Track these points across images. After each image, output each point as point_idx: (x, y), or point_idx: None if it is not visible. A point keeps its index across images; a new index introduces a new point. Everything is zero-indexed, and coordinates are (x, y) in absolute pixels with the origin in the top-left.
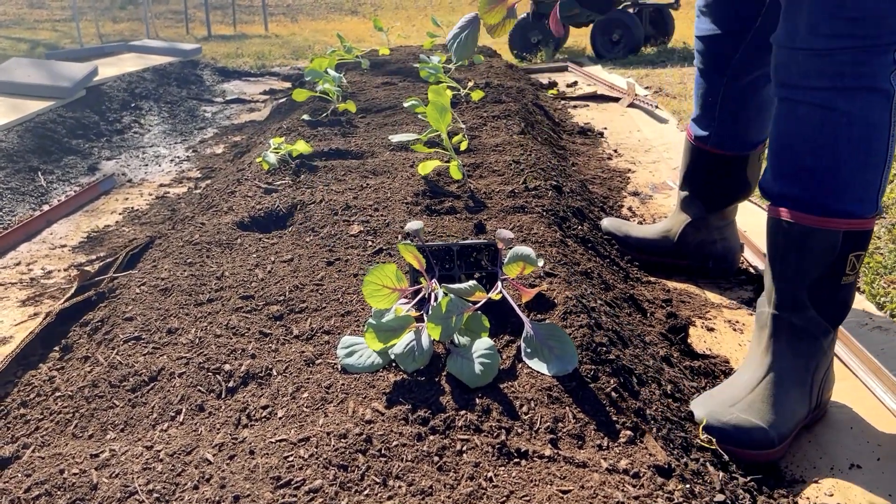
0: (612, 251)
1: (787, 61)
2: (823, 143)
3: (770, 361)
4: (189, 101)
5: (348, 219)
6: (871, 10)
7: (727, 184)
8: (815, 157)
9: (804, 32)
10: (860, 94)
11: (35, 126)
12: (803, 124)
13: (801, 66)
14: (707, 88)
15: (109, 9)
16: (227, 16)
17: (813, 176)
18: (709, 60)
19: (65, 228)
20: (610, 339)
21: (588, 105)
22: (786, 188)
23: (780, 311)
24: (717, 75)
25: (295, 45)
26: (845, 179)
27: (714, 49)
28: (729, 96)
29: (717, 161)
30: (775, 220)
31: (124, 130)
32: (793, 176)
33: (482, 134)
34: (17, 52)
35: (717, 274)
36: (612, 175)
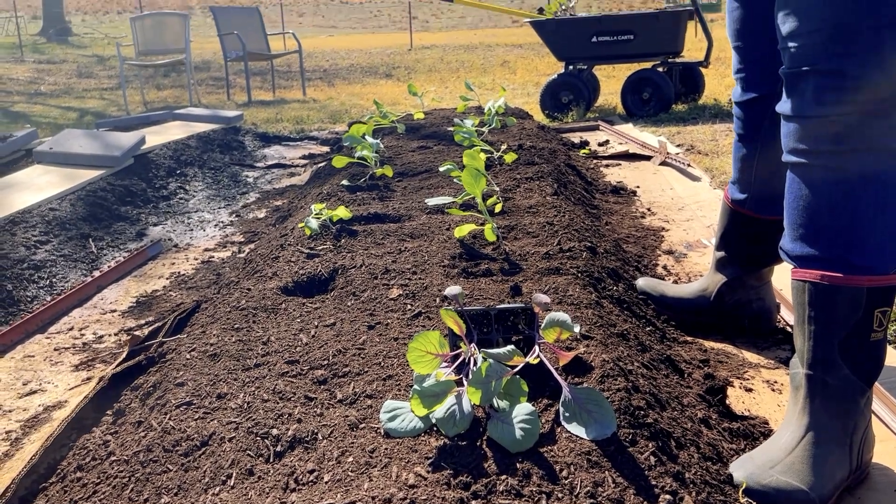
0: (648, 311)
1: (796, 130)
2: (838, 204)
3: (807, 422)
4: (232, 166)
5: (388, 282)
6: (869, 79)
7: (764, 247)
8: (832, 217)
9: (809, 102)
10: (870, 156)
11: (87, 194)
12: (817, 188)
13: (810, 134)
14: (745, 153)
15: (154, 77)
16: (267, 81)
17: (831, 236)
18: (745, 125)
19: (115, 293)
20: (647, 402)
21: (620, 164)
22: (805, 249)
23: (813, 370)
24: (753, 140)
25: (332, 109)
26: (863, 237)
27: (749, 113)
28: (765, 161)
29: (754, 224)
30: (798, 281)
31: (170, 196)
32: (811, 237)
33: (516, 196)
34: (67, 120)
35: (753, 333)
36: (646, 233)
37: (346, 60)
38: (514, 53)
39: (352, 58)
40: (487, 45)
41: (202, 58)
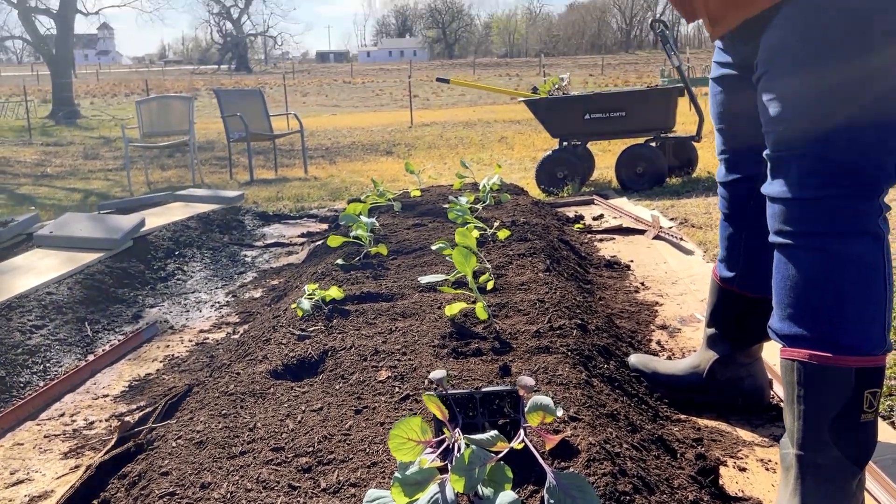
0: (641, 389)
1: (781, 211)
2: (824, 285)
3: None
4: (230, 246)
5: (377, 364)
6: (852, 164)
7: (754, 324)
8: (819, 298)
9: (794, 185)
10: (853, 238)
11: (84, 278)
12: (803, 268)
13: (794, 215)
14: (731, 232)
15: (158, 157)
16: (269, 160)
17: (818, 316)
18: (730, 205)
19: (108, 378)
20: (634, 486)
21: (614, 238)
22: (794, 329)
23: (803, 451)
24: (739, 219)
25: (332, 186)
26: (850, 318)
27: (734, 193)
28: (752, 240)
29: (743, 302)
30: (787, 360)
31: (168, 278)
32: (799, 317)
33: (508, 272)
34: (72, 201)
35: (747, 410)
36: (640, 308)
37: (347, 138)
38: (511, 129)
39: (354, 135)
40: (486, 122)
41: (206, 137)
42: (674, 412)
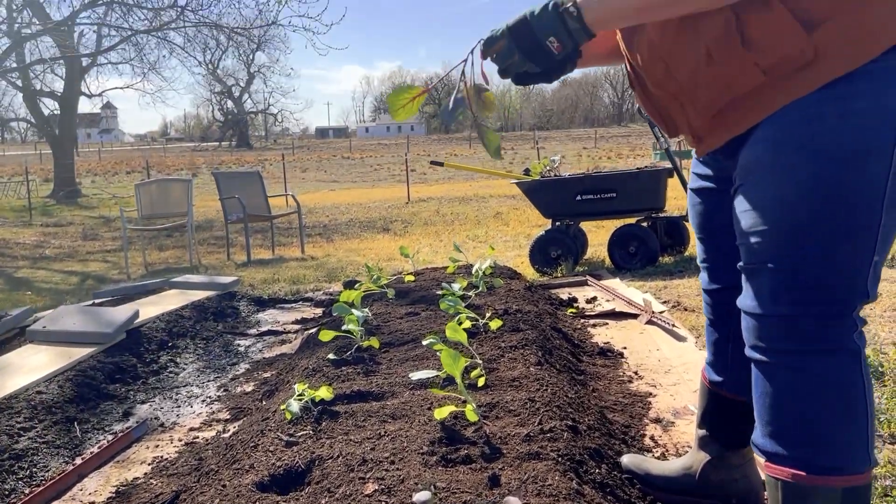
0: (633, 493)
1: (756, 326)
2: (801, 404)
3: None
4: (224, 335)
5: (364, 476)
6: (823, 280)
7: (746, 427)
8: (796, 417)
9: (767, 301)
10: (827, 357)
11: (76, 374)
12: (779, 387)
13: (769, 331)
14: (717, 338)
15: (157, 237)
16: (267, 238)
17: (797, 435)
18: (715, 311)
19: (95, 483)
20: None
21: (607, 323)
22: (774, 446)
23: None
24: (724, 327)
25: (329, 267)
26: (830, 438)
27: (718, 301)
28: (739, 345)
29: (734, 406)
30: (772, 478)
31: (160, 371)
32: (779, 435)
33: (500, 366)
34: (69, 285)
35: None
36: (633, 400)
37: (345, 215)
38: (507, 205)
39: (351, 212)
40: (481, 197)
41: (205, 216)
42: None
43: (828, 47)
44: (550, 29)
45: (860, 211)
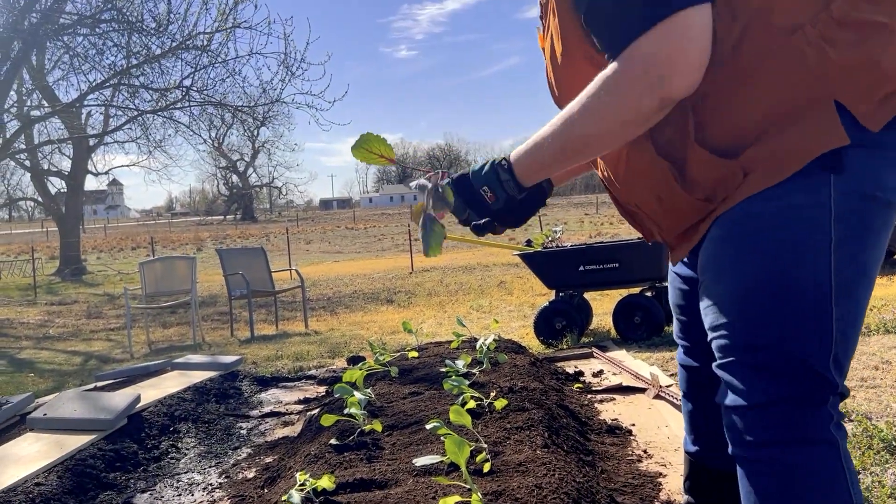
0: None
1: (734, 422)
2: (781, 500)
3: None
4: (226, 417)
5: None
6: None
7: (724, 497)
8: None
9: (740, 392)
10: (805, 448)
11: (75, 464)
12: (760, 483)
13: (746, 424)
14: (692, 409)
15: (160, 314)
16: (271, 313)
17: None
18: (688, 385)
19: None
20: None
21: (614, 398)
22: None
23: None
24: (696, 400)
25: (333, 342)
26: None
27: (691, 376)
28: (711, 419)
29: (712, 476)
30: None
31: (161, 457)
32: None
33: (506, 449)
34: (72, 366)
35: None
36: (643, 481)
37: (349, 286)
38: (510, 273)
39: (355, 283)
40: (485, 266)
41: (210, 291)
42: None
43: (756, 164)
44: (484, 181)
45: (808, 300)
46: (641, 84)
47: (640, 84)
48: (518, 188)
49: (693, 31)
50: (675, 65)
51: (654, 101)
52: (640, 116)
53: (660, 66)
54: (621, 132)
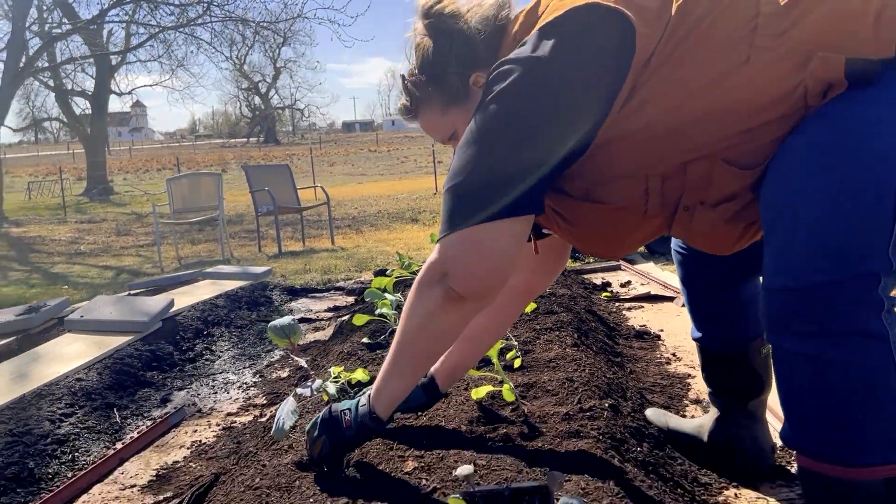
0: (676, 470)
1: (772, 306)
2: (824, 396)
3: None
4: (258, 323)
5: (403, 454)
6: (841, 242)
7: (736, 378)
8: (821, 410)
9: (783, 272)
10: (850, 340)
11: (113, 362)
12: (799, 377)
13: (785, 310)
14: (687, 296)
15: (189, 232)
16: (297, 231)
17: (826, 429)
18: (685, 271)
19: (135, 466)
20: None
21: (643, 306)
22: (804, 441)
23: None
24: (691, 286)
25: (359, 257)
26: (861, 429)
27: (686, 260)
28: (706, 304)
29: (717, 359)
30: (806, 470)
31: (196, 359)
32: (806, 429)
33: (536, 348)
34: (104, 279)
35: (746, 472)
36: (672, 381)
37: (373, 207)
38: None
39: (379, 204)
40: None
41: (236, 211)
42: (711, 495)
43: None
44: (349, 405)
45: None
46: (430, 275)
47: (429, 274)
48: (373, 421)
49: (485, 246)
50: (458, 270)
51: (439, 295)
52: (433, 308)
53: (445, 266)
54: (428, 326)
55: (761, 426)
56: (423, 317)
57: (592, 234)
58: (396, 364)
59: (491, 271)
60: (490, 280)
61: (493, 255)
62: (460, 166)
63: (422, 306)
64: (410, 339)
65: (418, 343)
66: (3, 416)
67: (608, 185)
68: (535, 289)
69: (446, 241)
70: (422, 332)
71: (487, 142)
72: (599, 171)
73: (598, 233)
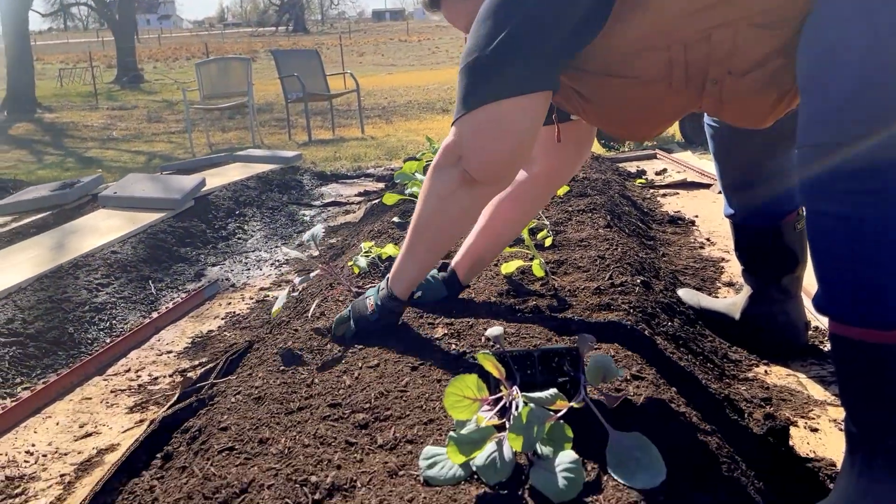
0: (706, 346)
1: (808, 164)
2: (860, 258)
3: (866, 487)
4: (289, 205)
5: (433, 322)
6: (884, 93)
7: (769, 254)
8: (856, 273)
9: (820, 127)
10: (891, 199)
11: (147, 237)
12: (834, 240)
13: (821, 168)
14: (719, 170)
15: (219, 119)
16: (327, 120)
17: (861, 292)
18: (715, 148)
19: (171, 335)
20: (700, 447)
21: (678, 193)
22: (837, 306)
23: (869, 432)
24: (724, 161)
25: (389, 146)
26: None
27: (717, 139)
28: (739, 178)
29: (751, 234)
30: (838, 337)
31: (229, 237)
32: (840, 294)
33: (567, 229)
34: (136, 164)
35: (779, 349)
36: (705, 265)
37: (403, 97)
38: None
39: (410, 94)
40: None
41: (265, 99)
42: (741, 371)
43: None
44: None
45: None
46: (445, 157)
47: (444, 157)
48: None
49: (500, 126)
50: (473, 151)
51: (454, 177)
52: (448, 191)
53: (461, 148)
54: (443, 209)
55: (795, 302)
56: (438, 200)
57: (615, 112)
58: (412, 247)
59: (506, 153)
60: (504, 162)
61: (509, 136)
62: (473, 44)
63: (436, 189)
64: (425, 222)
65: (433, 226)
66: (42, 285)
67: (629, 59)
68: (556, 180)
69: (461, 122)
70: (436, 216)
71: (500, 17)
72: (619, 44)
73: (621, 111)
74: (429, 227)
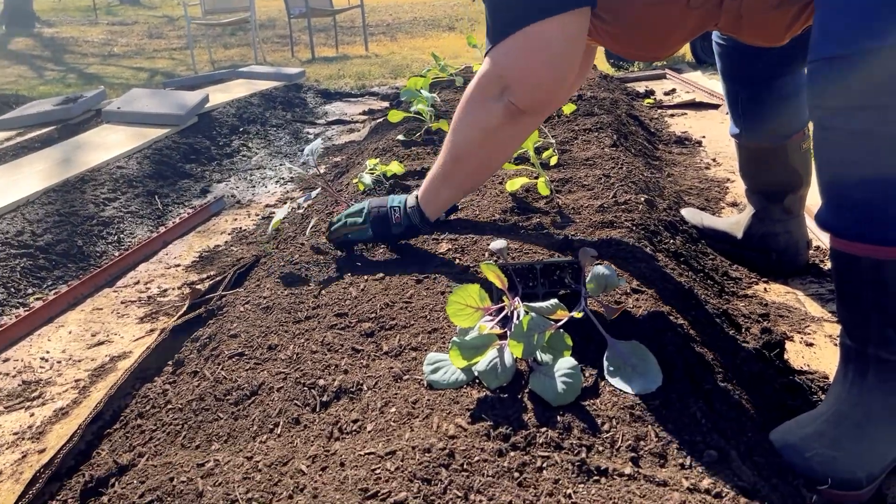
0: (707, 264)
1: (819, 77)
2: (867, 172)
3: (858, 397)
4: (293, 123)
5: (437, 237)
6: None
7: (774, 174)
8: (862, 188)
9: (832, 39)
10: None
11: (153, 153)
12: (842, 155)
13: (831, 82)
14: (727, 89)
15: (221, 36)
16: (330, 38)
17: (865, 207)
18: (723, 67)
19: (179, 249)
20: (696, 357)
21: (686, 113)
22: (839, 221)
23: (863, 346)
24: (732, 79)
25: (394, 63)
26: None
27: (726, 58)
28: (747, 97)
29: (756, 153)
30: (839, 253)
31: (233, 154)
32: (844, 209)
33: (573, 148)
34: (138, 80)
35: (780, 267)
36: (710, 185)
37: (408, 14)
38: None
39: (415, 11)
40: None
41: (268, 15)
42: (740, 288)
43: None
44: (398, 203)
45: None
46: (486, 89)
47: (485, 89)
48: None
49: (545, 49)
50: (519, 80)
51: (498, 110)
52: (492, 124)
53: (504, 78)
54: (486, 141)
55: (797, 221)
56: (482, 133)
57: (634, 33)
58: (451, 175)
59: (555, 76)
60: (554, 87)
61: (555, 60)
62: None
63: (479, 122)
64: (467, 152)
65: (476, 157)
66: (49, 198)
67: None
68: None
69: (500, 50)
70: (481, 147)
71: None
72: None
73: (639, 31)
74: (471, 158)
